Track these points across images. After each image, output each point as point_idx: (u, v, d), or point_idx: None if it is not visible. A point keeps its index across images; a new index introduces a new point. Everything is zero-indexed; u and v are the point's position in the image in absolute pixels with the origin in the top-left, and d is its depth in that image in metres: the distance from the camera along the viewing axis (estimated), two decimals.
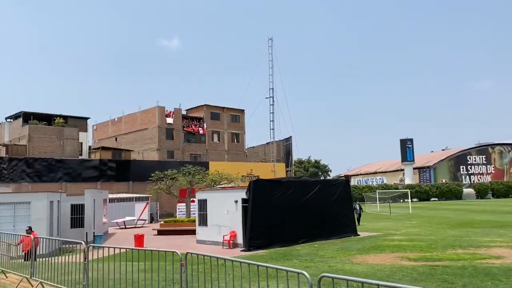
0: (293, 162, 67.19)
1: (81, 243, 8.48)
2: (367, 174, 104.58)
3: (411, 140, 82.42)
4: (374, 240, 20.99)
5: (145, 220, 38.59)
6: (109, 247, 7.99)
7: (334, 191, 23.45)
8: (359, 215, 30.44)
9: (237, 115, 62.81)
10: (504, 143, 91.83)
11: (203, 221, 23.03)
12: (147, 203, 40.06)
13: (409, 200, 47.69)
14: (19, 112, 48.80)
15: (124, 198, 39.97)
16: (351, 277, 4.08)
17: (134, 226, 36.37)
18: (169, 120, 54.87)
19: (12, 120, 50.82)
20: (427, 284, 9.11)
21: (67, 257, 8.86)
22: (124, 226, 35.71)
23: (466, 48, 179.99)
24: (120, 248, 7.81)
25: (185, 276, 5.90)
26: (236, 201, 20.92)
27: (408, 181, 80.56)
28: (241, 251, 19.37)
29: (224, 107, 61.40)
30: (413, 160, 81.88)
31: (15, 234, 12.14)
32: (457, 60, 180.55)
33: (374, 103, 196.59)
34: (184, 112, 59.41)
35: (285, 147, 65.98)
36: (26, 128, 45.71)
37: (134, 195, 41.28)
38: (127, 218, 36.58)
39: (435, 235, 22.72)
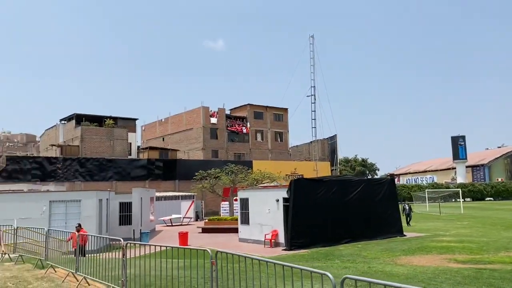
0: (338, 161, 66.11)
1: (119, 240, 8.73)
2: (416, 172, 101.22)
3: (463, 137, 78.87)
4: (421, 241, 20.24)
5: (191, 218, 39.36)
6: (145, 245, 8.19)
7: (379, 190, 22.82)
8: (409, 215, 29.55)
9: (280, 114, 62.68)
10: None
11: (245, 219, 23.14)
12: (193, 201, 40.84)
13: (461, 200, 45.59)
14: (72, 114, 51.24)
15: (171, 197, 40.99)
16: (374, 280, 3.92)
17: (180, 223, 37.19)
18: (213, 120, 55.66)
19: (66, 122, 53.44)
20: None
21: (111, 254, 9.14)
22: (170, 224, 36.61)
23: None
24: (155, 246, 7.97)
25: (216, 274, 5.94)
26: (278, 200, 20.85)
27: (460, 180, 77.15)
28: (283, 250, 19.29)
29: (267, 106, 61.45)
30: (466, 158, 78.30)
31: (65, 231, 12.66)
32: (509, 55, 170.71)
33: (424, 99, 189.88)
34: (227, 112, 60.06)
35: (330, 145, 65.09)
36: (78, 130, 47.92)
37: (180, 194, 42.23)
38: (174, 216, 37.47)
39: (487, 236, 21.59)
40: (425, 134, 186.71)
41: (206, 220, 31.97)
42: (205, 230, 29.08)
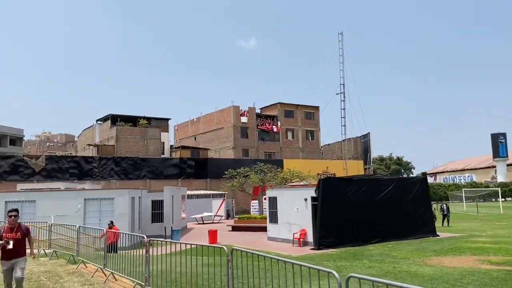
0: (371, 159, 64.99)
1: (143, 237, 8.95)
2: (454, 171, 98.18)
3: (503, 135, 75.92)
4: (455, 242, 19.64)
5: (222, 216, 39.77)
6: (167, 241, 8.38)
7: (411, 189, 22.30)
8: (446, 215, 28.66)
9: (311, 112, 62.23)
10: None
11: (274, 218, 23.16)
12: (223, 199, 41.24)
13: (500, 199, 43.89)
14: (108, 115, 52.77)
15: (202, 195, 41.55)
16: (377, 279, 3.88)
17: (211, 221, 37.65)
18: (244, 119, 55.93)
19: (102, 122, 55.10)
20: None
21: (141, 251, 9.32)
22: (202, 222, 37.12)
23: None
24: (180, 243, 8.12)
25: (231, 271, 6.02)
26: (306, 199, 20.75)
27: (501, 178, 74.24)
28: (311, 249, 19.19)
29: (297, 105, 61.14)
30: (507, 156, 75.29)
31: (95, 228, 13.07)
32: None
33: (462, 95, 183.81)
34: (258, 111, 60.21)
35: (363, 144, 64.09)
36: (114, 130, 49.31)
37: (211, 192, 42.73)
38: (205, 214, 37.98)
39: None
40: (464, 131, 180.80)
41: (236, 219, 32.22)
42: (235, 228, 29.33)
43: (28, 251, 8.18)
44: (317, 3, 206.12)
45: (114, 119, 51.47)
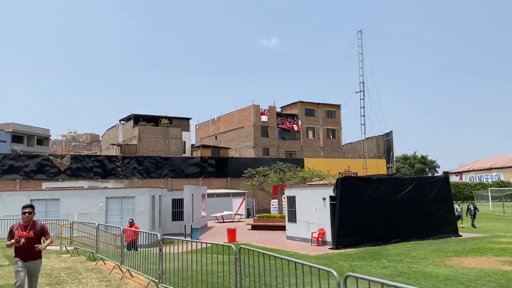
0: (394, 158, 64.06)
1: (156, 235, 9.10)
2: (480, 170, 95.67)
3: None
4: (477, 242, 19.23)
5: (242, 214, 39.94)
6: (178, 239, 8.51)
7: (431, 188, 21.93)
8: (474, 215, 27.60)
9: (332, 111, 61.76)
10: None
11: (293, 217, 23.15)
12: (244, 198, 41.41)
13: None
14: (130, 115, 53.67)
15: (223, 194, 41.82)
16: (374, 278, 3.88)
17: (231, 220, 37.86)
18: (264, 118, 55.96)
19: (124, 122, 56.07)
20: None
21: (156, 249, 9.44)
22: (222, 220, 37.37)
23: None
24: (191, 242, 8.24)
25: (239, 269, 6.10)
26: (324, 199, 20.66)
27: None
28: (329, 249, 19.10)
29: (318, 103, 60.75)
30: None
31: (115, 226, 13.33)
32: None
33: (488, 93, 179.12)
34: (278, 110, 60.14)
35: (386, 142, 63.22)
36: (136, 129, 50.12)
37: (232, 191, 42.95)
38: (225, 213, 38.22)
39: None
40: (492, 129, 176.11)
41: (255, 217, 32.31)
42: (254, 227, 29.42)
43: (44, 250, 7.66)
44: (339, 1, 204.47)
45: (137, 119, 52.31)
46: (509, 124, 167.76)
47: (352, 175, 51.47)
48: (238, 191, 42.65)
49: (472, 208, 27.83)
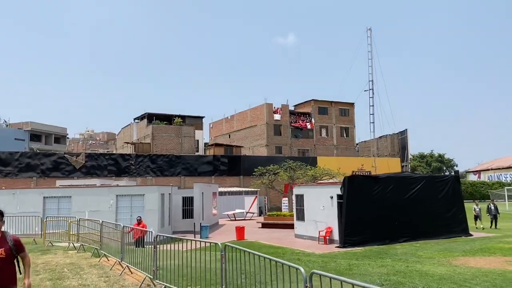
0: (409, 157, 63.28)
1: (151, 232, 9.24)
2: (499, 169, 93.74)
3: None
4: (487, 242, 18.95)
5: (254, 213, 40.03)
6: (171, 237, 8.62)
7: (442, 187, 21.69)
8: (495, 216, 25.52)
9: (346, 109, 61.32)
10: None
11: (301, 216, 23.15)
12: (256, 196, 41.48)
13: None
14: (144, 114, 54.27)
15: (235, 192, 41.97)
16: (336, 276, 3.92)
17: (243, 218, 37.99)
18: (277, 116, 55.91)
19: (138, 121, 56.73)
20: None
21: (165, 246, 9.49)
22: (234, 218, 37.53)
23: None
24: (184, 240, 8.34)
25: (224, 266, 6.21)
26: (332, 197, 20.60)
27: None
28: (336, 247, 19.06)
29: (332, 101, 60.40)
30: None
31: (119, 224, 13.54)
32: None
33: (506, 90, 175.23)
34: (292, 108, 60.00)
35: (400, 141, 62.51)
36: (149, 128, 50.66)
37: (244, 189, 43.08)
38: (237, 211, 38.37)
39: None
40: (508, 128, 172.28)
41: (266, 216, 32.37)
42: (264, 225, 29.48)
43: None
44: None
45: (150, 118, 52.84)
46: None
47: (366, 173, 51.06)
48: (250, 189, 42.75)
49: (493, 207, 25.78)
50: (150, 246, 9.19)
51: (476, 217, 25.66)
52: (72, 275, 10.11)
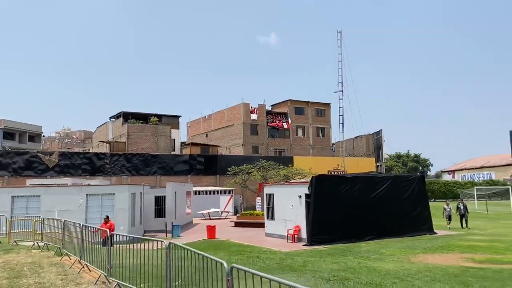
0: (383, 157, 64.39)
1: (106, 231, 9.36)
2: (472, 169, 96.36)
3: None
4: (449, 240, 19.61)
5: (229, 212, 40.19)
6: (130, 236, 8.78)
7: (407, 187, 22.27)
8: (463, 215, 25.87)
9: (322, 109, 62.02)
10: None
11: (271, 215, 23.45)
12: (231, 196, 41.66)
13: (511, 198, 43.03)
14: (120, 112, 53.81)
15: (210, 191, 42.04)
16: (251, 270, 4.26)
17: (218, 217, 38.11)
18: (253, 116, 56.18)
19: (114, 119, 56.22)
20: (439, 285, 8.41)
21: (130, 246, 9.54)
22: (209, 217, 37.63)
23: None
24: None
25: (169, 263, 6.47)
26: (300, 196, 20.96)
27: None
28: (304, 245, 19.41)
29: (308, 102, 61.01)
30: None
31: (81, 223, 13.57)
32: None
33: (482, 91, 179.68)
34: (268, 108, 60.36)
35: (375, 141, 63.56)
36: (125, 127, 50.27)
37: (220, 188, 43.20)
38: (212, 210, 38.45)
39: None
40: (486, 128, 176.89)
41: (238, 215, 32.60)
42: (237, 224, 29.72)
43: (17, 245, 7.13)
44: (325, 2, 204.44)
45: (126, 117, 52.44)
46: (503, 123, 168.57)
47: (342, 173, 51.78)
48: (226, 188, 42.89)
49: (462, 207, 26.28)
50: (125, 246, 9.26)
51: (448, 217, 25.74)
52: (31, 274, 10.15)
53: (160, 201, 28.20)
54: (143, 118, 53.16)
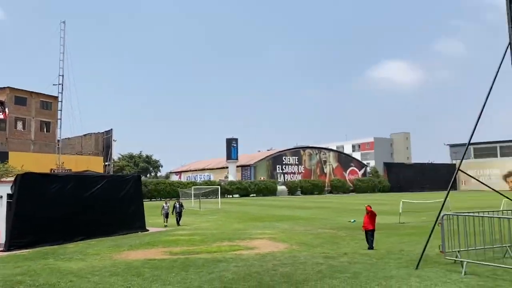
0: (112, 156, 64.12)
1: None
2: (196, 170, 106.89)
3: (236, 140, 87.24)
4: (157, 236, 21.01)
5: None
6: None
7: (123, 186, 22.76)
8: (180, 213, 27.32)
9: (48, 102, 57.03)
10: (313, 147, 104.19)
11: None
12: None
13: (219, 196, 49.88)
14: None
15: None
16: None
17: None
18: None
19: None
20: (115, 278, 9.19)
21: None
22: None
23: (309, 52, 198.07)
24: None
25: None
26: (1, 197, 18.61)
27: (231, 178, 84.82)
28: (0, 251, 17.24)
29: (32, 92, 55.04)
30: (237, 159, 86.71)
31: None
32: (288, 63, 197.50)
33: (207, 102, 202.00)
34: None
35: (105, 140, 62.62)
36: None
37: None
38: None
39: (220, 229, 23.87)
40: (209, 134, 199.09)
41: None
42: None
43: None
44: None
45: None
46: (223, 130, 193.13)
47: (67, 171, 49.07)
48: None
49: (178, 205, 27.74)
50: None
51: (166, 214, 27.20)
52: None
53: None
54: None
